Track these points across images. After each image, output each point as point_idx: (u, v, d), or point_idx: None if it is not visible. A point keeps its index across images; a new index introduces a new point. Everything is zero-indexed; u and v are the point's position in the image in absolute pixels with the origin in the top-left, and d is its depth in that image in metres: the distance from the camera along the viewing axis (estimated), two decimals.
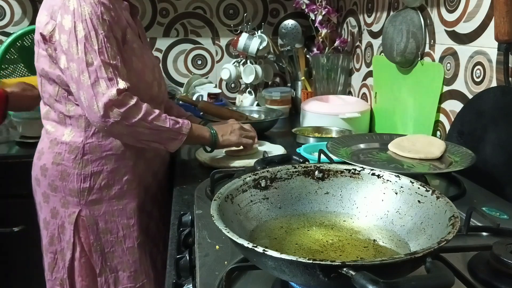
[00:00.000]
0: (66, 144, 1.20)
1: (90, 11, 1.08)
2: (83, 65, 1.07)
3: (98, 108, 1.07)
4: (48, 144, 1.23)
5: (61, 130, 1.21)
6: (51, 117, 1.23)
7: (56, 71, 1.15)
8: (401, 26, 1.45)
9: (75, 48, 1.07)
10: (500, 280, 0.67)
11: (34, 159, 1.27)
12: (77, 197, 1.21)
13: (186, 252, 0.83)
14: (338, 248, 0.68)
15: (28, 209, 1.37)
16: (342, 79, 1.96)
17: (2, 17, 2.13)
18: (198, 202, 0.99)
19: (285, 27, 2.13)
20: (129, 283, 1.27)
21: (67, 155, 1.20)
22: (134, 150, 1.24)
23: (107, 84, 1.07)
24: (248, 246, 0.55)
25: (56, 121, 1.22)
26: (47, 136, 1.24)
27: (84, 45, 1.07)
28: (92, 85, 1.07)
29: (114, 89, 1.07)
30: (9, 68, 1.92)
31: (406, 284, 0.49)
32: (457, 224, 0.60)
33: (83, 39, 1.07)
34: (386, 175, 0.76)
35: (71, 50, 1.08)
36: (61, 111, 1.20)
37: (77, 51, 1.07)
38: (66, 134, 1.21)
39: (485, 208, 0.91)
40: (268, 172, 0.78)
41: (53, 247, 1.26)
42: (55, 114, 1.22)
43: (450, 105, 1.29)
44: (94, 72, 1.07)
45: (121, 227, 1.25)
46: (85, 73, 1.07)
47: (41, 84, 1.22)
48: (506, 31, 1.02)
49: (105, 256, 1.25)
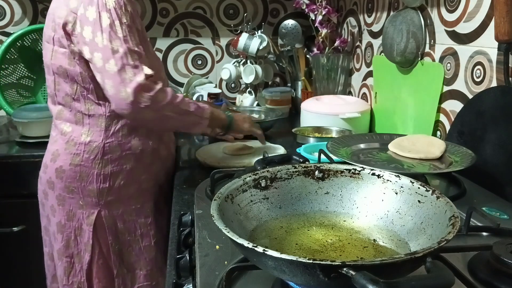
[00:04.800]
0: (85, 144, 1.19)
1: (114, 1, 1.08)
2: (108, 53, 1.06)
3: (127, 94, 1.05)
4: (64, 145, 1.21)
5: (78, 130, 1.20)
6: (66, 117, 1.21)
7: (77, 68, 1.14)
8: (401, 26, 1.45)
9: (100, 37, 1.06)
10: (500, 280, 0.67)
11: (47, 162, 1.24)
12: (96, 198, 1.21)
13: (186, 252, 0.83)
14: (338, 248, 0.68)
15: (28, 209, 1.38)
16: (342, 79, 1.96)
17: (2, 17, 2.13)
18: (198, 202, 0.99)
19: (285, 27, 2.13)
20: (145, 282, 1.28)
21: (86, 156, 1.19)
22: (150, 149, 1.25)
23: (134, 71, 1.06)
24: (248, 246, 0.55)
25: (72, 121, 1.20)
26: (62, 137, 1.21)
27: (109, 33, 1.06)
28: (119, 72, 1.05)
29: (142, 74, 1.06)
30: (9, 68, 1.92)
31: (406, 284, 0.49)
32: (457, 224, 0.60)
33: (108, 28, 1.06)
34: (386, 175, 0.76)
35: (95, 40, 1.07)
36: (80, 110, 1.18)
37: (102, 39, 1.06)
38: (84, 134, 1.19)
39: (485, 208, 0.91)
40: (268, 172, 0.78)
41: (69, 250, 1.24)
42: (71, 114, 1.20)
43: (450, 105, 1.29)
44: (120, 59, 1.05)
45: (139, 226, 1.26)
46: (111, 61, 1.05)
47: (55, 83, 1.19)
48: (506, 31, 1.02)
49: (122, 256, 1.25)
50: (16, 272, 1.69)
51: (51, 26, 1.15)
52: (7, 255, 1.67)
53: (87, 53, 1.09)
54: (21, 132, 1.72)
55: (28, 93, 2.03)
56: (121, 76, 1.05)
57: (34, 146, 1.66)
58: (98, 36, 1.06)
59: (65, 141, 1.20)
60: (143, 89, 1.06)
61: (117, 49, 1.06)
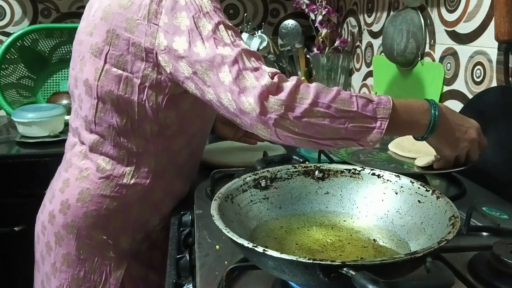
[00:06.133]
0: (127, 186, 0.99)
1: (208, 1, 0.85)
2: (217, 61, 0.80)
3: (251, 105, 0.77)
4: (99, 184, 0.98)
5: (120, 169, 0.98)
6: (105, 150, 0.98)
7: (133, 97, 0.91)
8: (401, 26, 1.45)
9: (202, 46, 0.82)
10: (500, 280, 0.67)
11: (71, 201, 1.00)
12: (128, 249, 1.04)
13: (186, 252, 0.83)
14: (338, 248, 0.68)
15: (28, 209, 1.37)
16: (342, 79, 1.96)
17: (2, 17, 2.13)
18: (198, 202, 0.99)
19: (285, 27, 2.13)
20: None
21: (126, 200, 0.99)
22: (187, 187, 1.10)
23: (255, 74, 0.79)
24: (248, 246, 0.55)
25: (112, 157, 0.98)
26: (97, 174, 0.99)
27: (213, 40, 0.82)
28: (236, 80, 0.79)
29: (265, 75, 0.78)
30: (9, 68, 1.92)
31: (406, 284, 0.49)
32: (457, 224, 0.60)
33: (211, 34, 0.82)
34: (386, 175, 0.76)
35: (194, 50, 0.82)
36: (126, 145, 0.97)
37: (205, 48, 0.82)
38: (128, 174, 0.98)
39: (485, 208, 0.91)
40: (268, 172, 0.78)
41: None
42: (114, 149, 0.98)
43: (450, 105, 1.29)
44: (233, 65, 0.80)
45: None
46: (224, 68, 0.80)
47: (97, 109, 0.95)
48: (506, 31, 1.02)
49: None
50: (16, 272, 1.69)
51: (104, 37, 0.90)
52: (7, 255, 1.67)
53: (186, 69, 0.84)
54: (21, 132, 1.72)
55: (28, 93, 2.03)
56: (239, 85, 0.78)
57: (34, 146, 1.65)
58: (198, 46, 0.82)
59: (102, 180, 0.98)
60: (269, 92, 0.77)
61: (228, 54, 0.81)
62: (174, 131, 0.98)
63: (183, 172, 1.07)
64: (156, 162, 0.99)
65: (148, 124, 0.95)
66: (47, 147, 1.62)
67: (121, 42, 0.89)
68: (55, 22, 2.13)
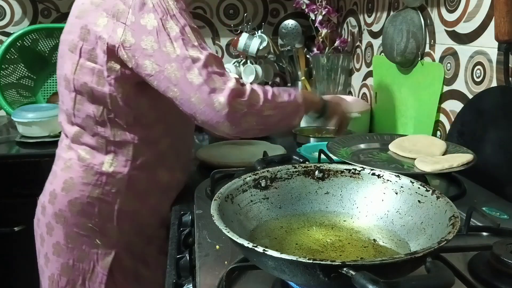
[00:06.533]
0: (107, 175, 1.03)
1: (174, 3, 0.93)
2: (187, 63, 0.90)
3: (221, 105, 0.90)
4: (81, 173, 1.03)
5: (100, 158, 1.03)
6: (85, 140, 1.04)
7: (106, 89, 0.97)
8: (401, 26, 1.45)
9: (171, 47, 0.90)
10: (500, 280, 0.67)
11: (58, 191, 1.05)
12: (115, 238, 1.06)
13: (186, 252, 0.83)
14: (338, 248, 0.68)
15: (28, 209, 1.37)
16: (342, 79, 1.96)
17: (2, 17, 2.13)
18: (198, 202, 0.99)
19: (285, 27, 2.13)
20: None
21: (107, 188, 1.03)
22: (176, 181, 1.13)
23: (223, 78, 0.92)
24: (248, 246, 0.55)
25: (92, 147, 1.03)
26: (79, 163, 1.04)
27: (182, 40, 0.90)
28: (206, 82, 0.90)
29: (231, 79, 0.92)
30: (9, 68, 1.92)
31: (406, 284, 0.49)
32: (457, 224, 0.60)
33: (179, 35, 0.91)
34: (386, 175, 0.76)
35: (164, 49, 0.90)
36: (104, 135, 1.02)
37: (174, 49, 0.90)
38: (107, 163, 1.03)
39: (485, 208, 0.91)
40: (268, 172, 0.78)
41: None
42: (93, 138, 1.03)
43: (450, 105, 1.29)
44: (203, 68, 0.90)
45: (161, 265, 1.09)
46: (193, 71, 0.90)
47: (75, 101, 1.01)
48: (506, 31, 1.02)
49: None
50: (17, 272, 1.69)
51: (78, 32, 0.97)
52: (8, 255, 1.67)
53: (153, 67, 0.91)
54: (21, 132, 1.72)
55: (28, 93, 2.03)
56: (210, 86, 0.90)
57: (34, 146, 1.66)
58: (167, 46, 0.90)
59: (83, 168, 1.03)
60: (237, 95, 0.91)
61: (197, 56, 0.91)
62: (150, 119, 1.03)
63: (166, 162, 1.09)
64: (135, 151, 1.03)
65: (123, 113, 1.00)
66: (47, 147, 1.62)
67: (92, 36, 0.96)
68: (55, 22, 2.13)
